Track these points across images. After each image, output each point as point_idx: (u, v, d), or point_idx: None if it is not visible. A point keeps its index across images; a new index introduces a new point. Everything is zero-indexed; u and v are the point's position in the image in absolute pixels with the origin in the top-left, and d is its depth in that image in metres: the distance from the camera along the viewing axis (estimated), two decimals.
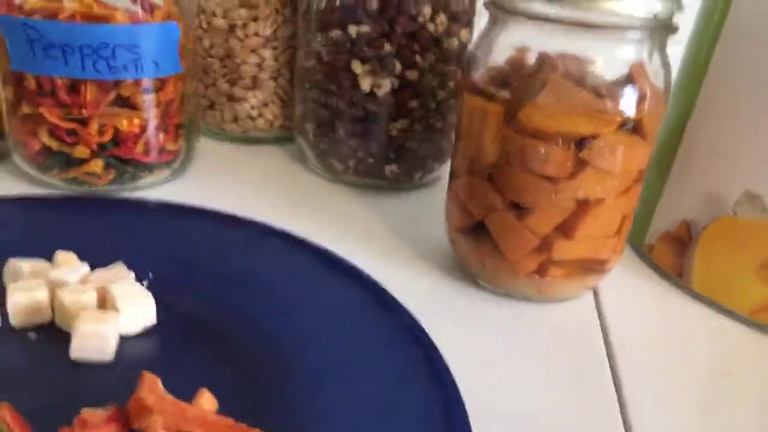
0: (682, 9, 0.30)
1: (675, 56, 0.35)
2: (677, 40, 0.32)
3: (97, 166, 0.39)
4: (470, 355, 0.30)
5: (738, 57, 0.34)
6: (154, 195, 0.42)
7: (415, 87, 0.42)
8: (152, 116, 0.40)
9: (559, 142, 0.30)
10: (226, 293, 0.31)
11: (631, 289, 0.38)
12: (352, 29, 0.40)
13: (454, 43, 0.41)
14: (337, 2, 0.40)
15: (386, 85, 0.41)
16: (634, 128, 0.30)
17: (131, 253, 0.32)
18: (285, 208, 0.42)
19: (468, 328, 0.33)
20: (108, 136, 0.39)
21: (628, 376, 0.30)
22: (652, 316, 0.36)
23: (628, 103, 0.30)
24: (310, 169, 0.48)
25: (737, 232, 0.35)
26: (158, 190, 0.42)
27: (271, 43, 0.47)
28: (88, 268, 0.30)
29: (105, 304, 0.29)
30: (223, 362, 0.28)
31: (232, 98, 0.49)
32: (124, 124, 0.39)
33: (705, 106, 0.35)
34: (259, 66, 0.47)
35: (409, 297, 0.31)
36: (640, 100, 0.30)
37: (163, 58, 0.38)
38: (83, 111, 0.37)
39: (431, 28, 0.40)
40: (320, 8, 0.41)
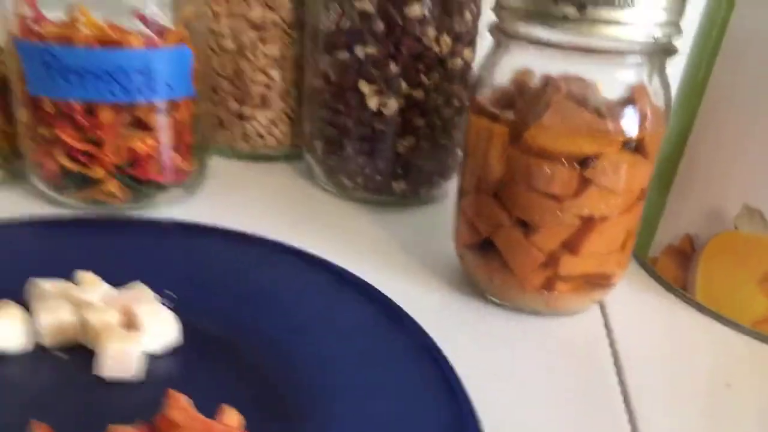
0: (681, 33, 0.30)
1: (674, 76, 0.36)
2: (676, 61, 0.33)
3: (113, 186, 0.40)
4: (480, 369, 0.30)
5: (735, 75, 0.35)
6: (168, 213, 0.42)
7: (420, 106, 0.43)
8: (166, 137, 0.40)
9: (564, 162, 0.30)
10: (243, 311, 0.32)
11: (636, 302, 0.38)
12: (359, 51, 0.41)
13: (458, 62, 0.42)
14: (344, 25, 0.41)
15: (393, 104, 0.42)
16: (636, 147, 0.31)
17: (149, 273, 0.33)
18: (295, 225, 0.43)
19: (478, 342, 0.33)
20: (123, 157, 0.40)
21: (635, 387, 0.31)
22: (657, 327, 0.37)
23: (629, 124, 0.30)
24: (319, 186, 0.49)
25: (739, 246, 0.35)
26: (172, 209, 0.43)
27: (280, 63, 0.48)
28: (110, 287, 0.31)
29: (128, 323, 0.30)
30: (242, 379, 0.28)
31: (241, 117, 0.50)
32: (138, 145, 0.39)
33: (704, 124, 0.36)
34: (268, 86, 0.48)
35: (420, 312, 0.32)
36: (642, 120, 0.31)
37: (176, 81, 0.39)
38: (99, 133, 0.38)
39: (436, 48, 0.41)
40: (327, 30, 0.42)
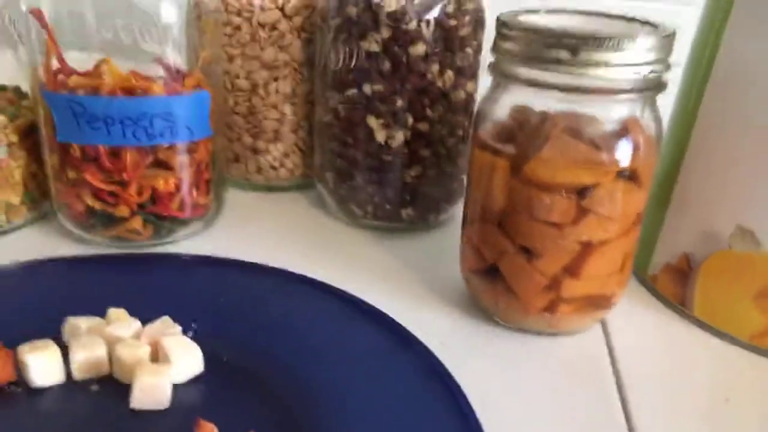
0: (669, 69, 0.32)
1: (666, 105, 0.38)
2: (667, 91, 0.35)
3: (137, 223, 0.42)
4: (487, 388, 0.32)
5: (724, 104, 0.36)
6: (189, 246, 0.44)
7: (426, 137, 0.45)
8: (186, 175, 0.43)
9: (563, 192, 0.32)
10: (261, 339, 0.34)
11: (637, 319, 0.40)
12: (367, 88, 0.43)
13: (461, 95, 0.44)
14: (352, 64, 0.43)
15: (399, 137, 0.44)
16: (630, 176, 0.33)
17: (173, 306, 0.35)
18: (309, 253, 0.45)
19: (484, 362, 0.35)
20: (146, 196, 0.42)
21: (636, 403, 0.32)
22: (657, 343, 0.38)
23: (623, 154, 0.32)
24: (331, 215, 0.51)
25: (733, 264, 0.37)
26: (193, 242, 0.45)
27: (291, 99, 0.50)
28: (140, 323, 0.33)
29: (157, 356, 0.32)
30: (262, 404, 0.30)
31: (255, 151, 0.52)
32: (161, 184, 0.42)
33: (696, 150, 0.38)
34: (280, 120, 0.51)
35: (428, 333, 0.34)
36: (635, 151, 0.32)
37: (196, 124, 0.41)
38: (124, 175, 0.41)
39: (439, 83, 0.43)
40: (336, 69, 0.44)
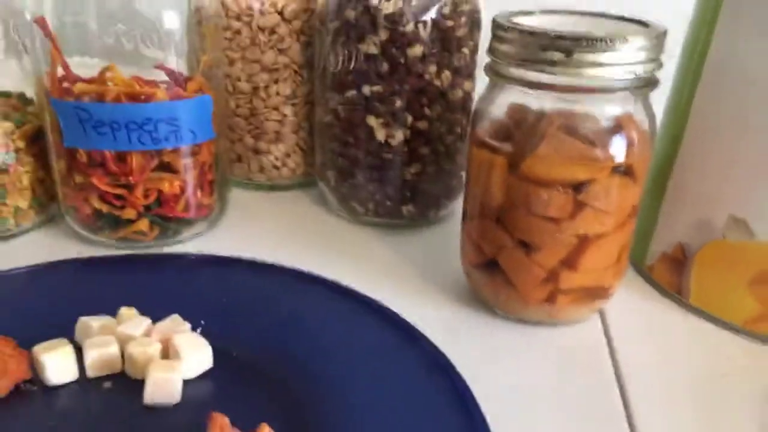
0: (661, 67, 0.33)
1: (660, 100, 0.39)
2: (661, 86, 0.35)
3: (144, 225, 0.43)
4: (489, 377, 0.33)
5: (716, 99, 0.37)
6: (194, 246, 0.45)
7: (425, 135, 0.45)
8: (190, 177, 0.44)
9: (559, 188, 0.33)
10: (268, 336, 0.35)
11: (634, 308, 0.41)
12: (366, 89, 0.44)
13: (459, 94, 0.45)
14: (351, 66, 0.44)
15: (399, 136, 0.45)
16: (625, 171, 0.34)
17: (182, 304, 0.36)
18: (311, 250, 0.46)
19: (486, 353, 0.36)
20: (152, 198, 0.43)
21: (634, 389, 0.33)
22: (654, 331, 0.39)
23: (618, 150, 0.33)
24: (332, 212, 0.52)
25: (727, 253, 0.38)
26: (198, 242, 0.46)
27: (291, 100, 0.51)
28: (150, 321, 0.34)
29: (168, 353, 0.33)
30: (270, 398, 0.31)
31: (257, 151, 0.53)
32: (166, 187, 0.43)
33: (690, 144, 0.39)
34: (281, 122, 0.51)
35: (432, 326, 0.35)
36: (629, 147, 0.33)
37: (199, 127, 0.42)
38: (130, 178, 0.41)
39: (437, 83, 0.44)
40: (335, 71, 0.45)
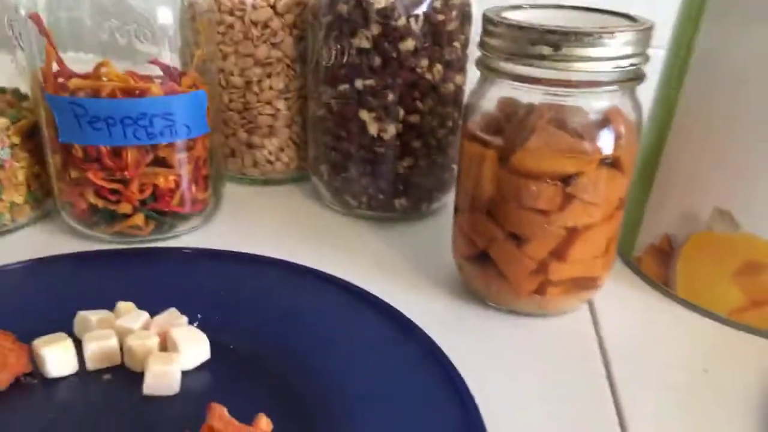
0: (648, 61, 0.34)
1: (648, 93, 0.39)
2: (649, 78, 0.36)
3: (139, 219, 0.44)
4: (482, 366, 0.34)
5: (703, 92, 0.38)
6: (189, 241, 0.46)
7: (417, 129, 0.46)
8: (185, 172, 0.44)
9: (548, 181, 0.34)
10: (265, 328, 0.35)
11: (622, 298, 0.41)
12: (359, 83, 0.44)
13: (450, 87, 0.46)
14: (344, 61, 0.44)
15: (391, 130, 0.46)
16: (613, 163, 0.34)
17: (179, 298, 0.36)
18: (305, 243, 0.46)
19: (478, 343, 0.37)
20: (147, 193, 0.43)
21: (622, 378, 0.34)
22: (642, 321, 0.40)
23: (605, 143, 0.34)
24: (326, 205, 0.52)
25: (713, 244, 0.39)
26: (193, 236, 0.47)
27: (284, 95, 0.51)
28: (148, 315, 0.35)
29: (166, 345, 0.34)
30: (268, 389, 0.32)
31: (251, 146, 0.53)
32: (161, 181, 0.43)
33: (677, 137, 0.40)
34: (274, 116, 0.52)
35: (425, 318, 0.35)
36: (617, 140, 0.34)
37: (194, 122, 0.43)
38: (125, 173, 0.42)
39: (429, 77, 0.44)
40: (328, 66, 0.45)
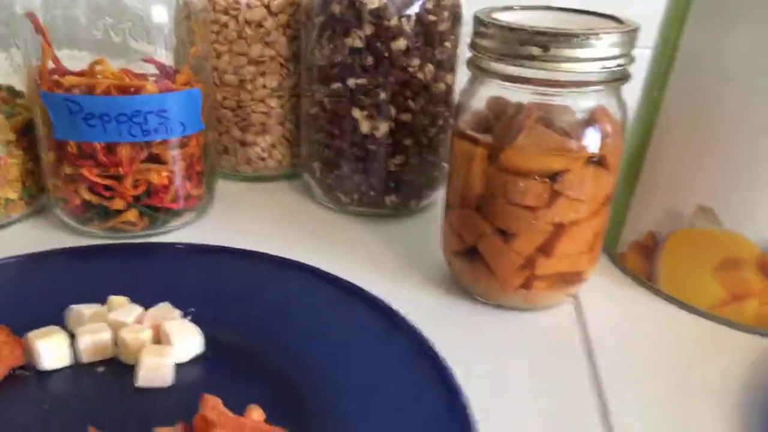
0: (633, 61, 0.35)
1: (634, 92, 0.40)
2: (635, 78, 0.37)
3: (132, 215, 0.44)
4: (470, 359, 0.34)
5: (687, 91, 0.39)
6: (182, 236, 0.46)
7: (408, 127, 0.47)
8: (179, 169, 0.44)
9: (536, 178, 0.35)
10: (257, 322, 0.36)
11: (607, 293, 0.42)
12: (351, 81, 0.45)
13: (441, 87, 0.46)
14: (336, 60, 0.45)
15: (383, 128, 0.46)
16: (599, 161, 0.35)
17: (172, 292, 0.37)
18: (297, 239, 0.47)
19: (467, 336, 0.37)
20: (141, 189, 0.44)
21: (606, 370, 0.35)
22: (626, 315, 0.41)
23: (592, 142, 0.35)
24: (318, 202, 0.53)
25: (695, 241, 0.40)
26: (186, 232, 0.47)
27: (277, 93, 0.52)
28: (141, 308, 0.35)
29: (159, 338, 0.34)
30: (260, 381, 0.32)
31: (244, 143, 0.53)
32: (155, 178, 0.43)
33: (661, 135, 0.41)
34: (267, 114, 0.52)
35: (415, 312, 0.36)
36: (603, 138, 0.35)
37: (188, 119, 0.43)
38: (119, 169, 0.42)
39: (420, 76, 0.45)
40: (321, 65, 0.46)
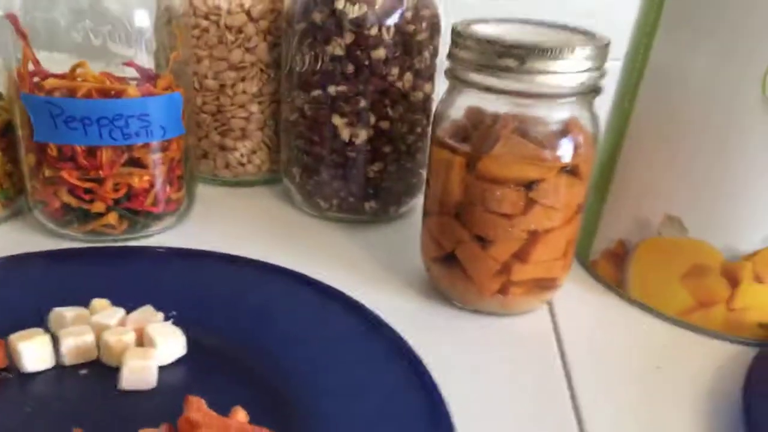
0: (605, 75, 0.36)
1: (605, 103, 0.42)
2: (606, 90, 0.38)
3: (112, 218, 0.44)
4: (448, 363, 0.35)
5: (657, 104, 0.40)
6: (162, 241, 0.46)
7: (387, 135, 0.48)
8: (159, 172, 0.45)
9: (512, 186, 0.36)
10: (238, 325, 0.36)
11: (580, 300, 0.44)
12: (331, 89, 0.46)
13: (420, 95, 0.47)
14: (317, 67, 0.46)
15: (363, 135, 0.47)
16: (572, 171, 0.36)
17: (153, 297, 0.37)
18: (277, 244, 0.47)
19: (445, 341, 0.38)
20: (122, 193, 0.44)
21: (579, 373, 0.36)
22: (598, 321, 0.42)
23: (565, 152, 0.36)
24: (297, 208, 0.53)
25: (663, 249, 0.41)
26: (166, 236, 0.47)
27: (258, 98, 0.52)
28: (124, 311, 0.36)
29: (142, 341, 0.34)
30: (244, 384, 0.33)
31: (223, 148, 0.54)
32: (135, 181, 0.44)
33: (631, 146, 0.42)
34: (247, 119, 0.53)
35: (394, 317, 0.37)
36: (575, 149, 0.36)
37: (169, 123, 0.43)
38: (100, 172, 0.42)
39: (399, 84, 0.46)
40: (302, 72, 0.46)
